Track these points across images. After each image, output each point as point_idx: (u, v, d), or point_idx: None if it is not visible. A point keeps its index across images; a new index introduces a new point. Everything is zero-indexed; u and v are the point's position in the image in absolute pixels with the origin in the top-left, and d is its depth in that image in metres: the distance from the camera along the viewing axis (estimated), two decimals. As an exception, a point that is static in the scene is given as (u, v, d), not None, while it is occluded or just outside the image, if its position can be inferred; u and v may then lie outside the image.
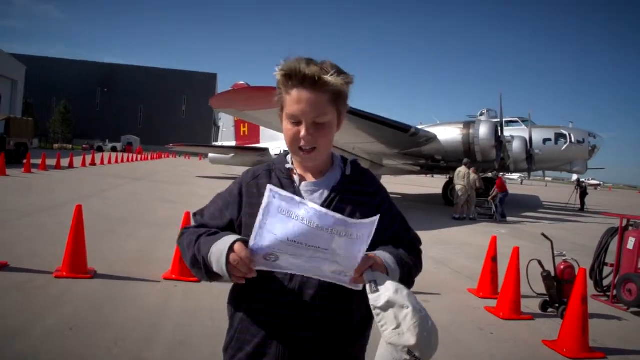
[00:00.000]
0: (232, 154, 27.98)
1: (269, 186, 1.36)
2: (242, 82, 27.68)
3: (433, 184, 35.65)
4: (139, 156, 49.30)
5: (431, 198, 23.40)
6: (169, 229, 8.87)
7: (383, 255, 1.48)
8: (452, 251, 9.30)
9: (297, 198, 1.35)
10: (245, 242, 1.39)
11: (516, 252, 5.46)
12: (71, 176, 19.36)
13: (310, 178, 1.61)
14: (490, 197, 16.19)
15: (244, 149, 28.05)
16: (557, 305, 5.53)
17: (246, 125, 29.88)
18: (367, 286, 1.34)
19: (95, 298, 4.77)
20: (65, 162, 25.10)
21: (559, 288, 5.55)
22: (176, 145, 33.65)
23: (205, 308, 4.69)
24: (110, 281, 5.37)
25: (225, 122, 32.14)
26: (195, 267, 1.51)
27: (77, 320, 4.14)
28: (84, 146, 66.81)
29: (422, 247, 1.72)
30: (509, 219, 15.94)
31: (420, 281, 6.04)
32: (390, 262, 1.47)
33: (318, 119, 1.48)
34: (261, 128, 28.96)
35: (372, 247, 1.45)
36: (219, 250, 1.42)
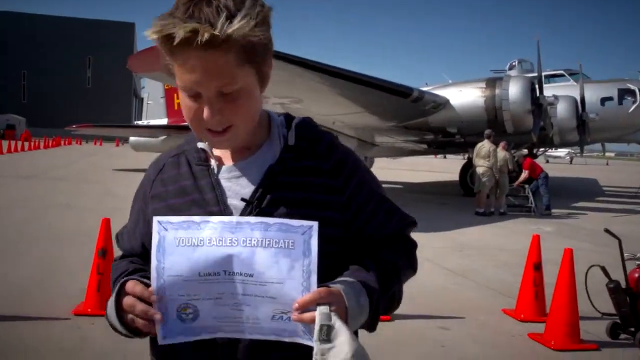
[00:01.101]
0: (163, 137, 27.78)
1: (155, 219, 1.35)
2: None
3: (446, 168, 36.02)
4: (26, 144, 48.52)
5: (445, 187, 23.64)
6: (78, 245, 8.73)
7: (346, 286, 1.39)
8: (476, 259, 9.42)
9: (195, 218, 1.34)
10: (141, 282, 1.39)
11: (568, 255, 5.53)
12: None
13: (234, 158, 1.54)
14: (517, 183, 16.38)
15: (179, 128, 27.80)
16: (632, 329, 5.62)
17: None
18: (316, 331, 1.28)
19: (-27, 348, 4.67)
20: None
21: (633, 304, 5.62)
22: (81, 126, 33.25)
23: (137, 351, 4.63)
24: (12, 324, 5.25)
25: (152, 92, 31.84)
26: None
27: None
28: (-61, 133, 65.32)
29: (418, 242, 1.68)
30: (554, 211, 16.23)
31: (434, 301, 6.13)
32: (354, 301, 1.37)
33: (224, 88, 1.37)
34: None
35: (338, 254, 1.45)
36: (110, 303, 1.43)
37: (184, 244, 1.32)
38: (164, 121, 30.24)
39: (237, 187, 1.49)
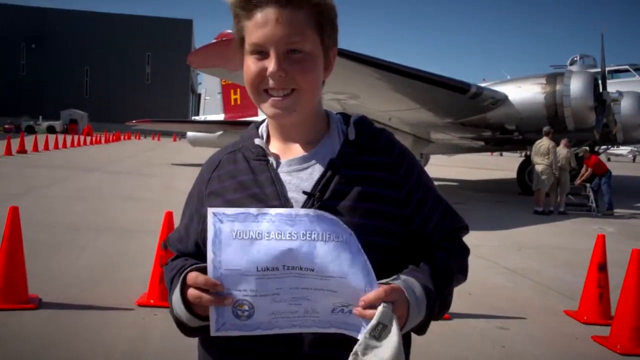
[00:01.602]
0: (220, 132, 28.10)
1: (210, 210, 1.33)
2: (230, 31, 27.75)
3: (504, 165, 35.49)
4: (88, 138, 49.80)
5: (502, 185, 23.30)
6: (140, 237, 8.93)
7: (408, 285, 1.40)
8: (536, 258, 9.25)
9: (251, 210, 1.34)
10: (200, 268, 1.39)
11: (637, 256, 5.36)
12: (-4, 169, 19.57)
13: (293, 153, 1.56)
14: (578, 181, 15.96)
15: (235, 123, 28.12)
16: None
17: (238, 91, 29.99)
18: (371, 325, 1.28)
19: (41, 336, 4.82)
20: (-19, 149, 25.43)
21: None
22: (140, 121, 33.89)
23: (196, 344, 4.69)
24: (61, 312, 5.42)
25: (209, 87, 32.28)
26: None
27: (19, 367, 4.19)
28: (7, 126, 67.21)
29: (473, 244, 1.69)
30: (616, 211, 15.81)
31: (494, 301, 6.04)
32: (414, 301, 1.39)
33: (294, 45, 1.42)
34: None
35: (399, 250, 1.45)
36: (176, 298, 1.44)
37: (240, 236, 1.30)
38: (220, 117, 30.60)
39: (297, 181, 1.50)
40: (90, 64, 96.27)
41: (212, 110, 31.94)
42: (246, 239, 1.30)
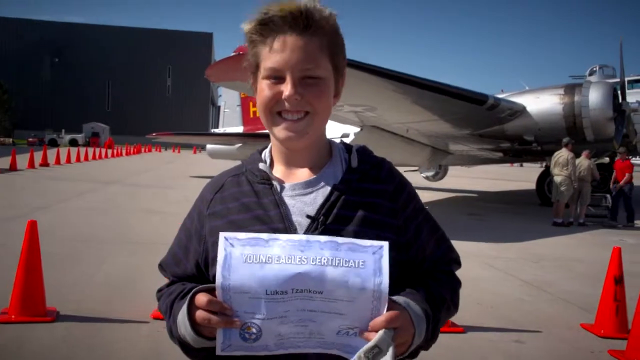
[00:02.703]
0: (239, 144, 28.23)
1: (221, 234, 1.35)
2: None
3: (524, 176, 35.24)
4: (110, 151, 50.33)
5: (522, 196, 23.15)
6: (157, 250, 8.96)
7: (411, 310, 1.43)
8: (553, 271, 9.18)
9: (263, 235, 1.35)
10: (208, 289, 1.40)
11: (651, 269, 5.31)
12: (14, 182, 19.89)
13: (297, 177, 1.59)
14: (621, 184, 15.57)
15: (255, 136, 28.22)
16: None
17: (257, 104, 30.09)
18: (367, 346, 1.30)
19: (58, 348, 4.87)
20: (4, 162, 25.75)
21: None
22: (161, 134, 34.16)
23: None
24: (78, 325, 5.48)
25: (228, 100, 32.47)
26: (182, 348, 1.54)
27: (35, 380, 4.24)
28: (30, 140, 68.29)
29: (461, 271, 1.74)
30: (637, 222, 15.63)
31: (510, 313, 6.01)
32: (417, 327, 1.42)
33: (309, 72, 1.48)
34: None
35: (396, 276, 1.45)
36: (182, 318, 1.45)
37: (251, 260, 1.31)
38: (239, 129, 30.73)
39: (301, 205, 1.54)
40: (112, 77, 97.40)
41: (231, 123, 32.11)
42: (256, 263, 1.31)
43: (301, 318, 1.33)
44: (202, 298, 1.37)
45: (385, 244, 1.33)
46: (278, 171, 1.61)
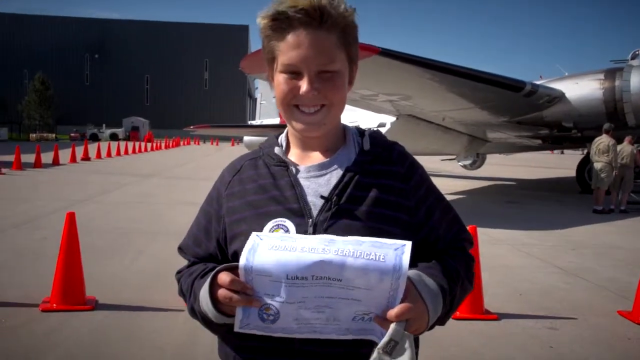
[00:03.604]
0: (275, 135, 28.41)
1: (253, 234, 1.40)
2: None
3: (564, 164, 34.70)
4: (149, 144, 50.99)
5: (562, 184, 22.81)
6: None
7: (424, 287, 1.47)
8: (592, 258, 9.06)
9: (290, 236, 1.41)
10: (230, 268, 1.45)
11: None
12: (57, 176, 20.35)
13: (312, 160, 1.65)
14: None
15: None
16: None
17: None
18: (383, 341, 1.34)
19: (97, 335, 5.03)
20: (47, 157, 26.19)
21: None
22: (198, 127, 34.55)
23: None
24: (116, 313, 5.63)
25: (265, 92, 32.72)
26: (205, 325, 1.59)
27: (75, 366, 4.37)
28: (72, 135, 69.37)
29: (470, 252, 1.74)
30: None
31: (544, 301, 5.99)
32: (432, 309, 1.46)
33: (326, 67, 1.52)
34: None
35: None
36: (204, 295, 1.49)
37: (276, 248, 1.36)
38: (276, 120, 30.88)
39: (316, 186, 1.59)
40: (150, 72, 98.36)
41: (268, 114, 32.34)
42: (281, 250, 1.36)
43: (318, 304, 1.37)
44: (224, 277, 1.41)
45: (409, 243, 1.36)
46: (293, 155, 1.68)
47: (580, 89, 17.19)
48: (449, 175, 25.02)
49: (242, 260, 1.37)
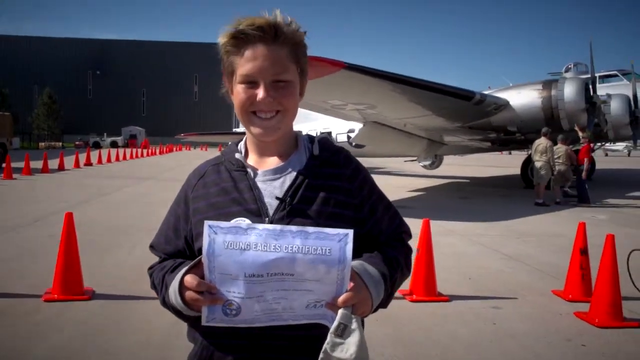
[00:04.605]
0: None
1: (206, 223, 1.39)
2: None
3: (511, 163, 35.03)
4: (145, 151, 50.53)
5: (508, 180, 23.03)
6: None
7: (365, 267, 1.51)
8: (532, 245, 9.18)
9: (242, 224, 1.41)
10: (195, 265, 1.46)
11: (610, 240, 5.33)
12: (62, 180, 20.10)
13: (268, 165, 1.66)
14: (584, 173, 15.67)
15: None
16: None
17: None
18: (334, 326, 1.37)
19: (94, 323, 4.99)
20: (54, 163, 25.91)
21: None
22: (188, 135, 34.35)
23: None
24: (112, 302, 5.60)
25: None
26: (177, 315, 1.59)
27: (73, 350, 4.35)
28: (77, 143, 68.81)
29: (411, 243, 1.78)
30: (611, 200, 15.66)
31: (490, 283, 6.04)
32: (375, 293, 1.49)
33: (279, 76, 1.54)
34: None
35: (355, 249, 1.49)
36: (174, 293, 1.50)
37: (232, 247, 1.36)
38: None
39: (271, 188, 1.60)
40: (146, 86, 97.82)
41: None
42: (236, 249, 1.36)
43: (275, 296, 1.39)
44: (191, 280, 1.42)
45: (350, 232, 1.36)
46: (252, 160, 1.68)
47: (522, 97, 17.44)
48: (411, 175, 25.20)
49: (205, 261, 1.38)
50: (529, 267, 7.58)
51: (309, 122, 27.28)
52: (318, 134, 26.15)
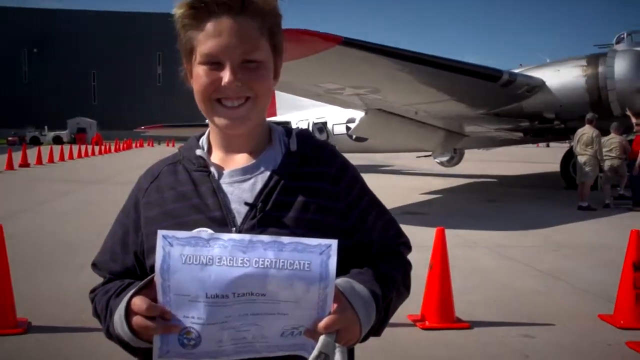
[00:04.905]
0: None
1: (160, 232, 1.37)
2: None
3: (550, 157, 35.13)
4: (97, 148, 50.44)
5: (546, 179, 23.13)
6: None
7: (355, 295, 1.49)
8: (574, 259, 9.21)
9: (203, 234, 1.38)
10: (145, 285, 1.43)
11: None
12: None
13: (236, 164, 1.64)
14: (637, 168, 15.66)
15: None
16: None
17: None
18: (313, 355, 1.35)
19: (28, 361, 4.94)
20: (-21, 165, 25.87)
21: None
22: (151, 127, 34.27)
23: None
24: (51, 335, 5.57)
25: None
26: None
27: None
28: (10, 139, 68.15)
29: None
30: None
31: (521, 307, 6.05)
32: (364, 316, 1.48)
33: (249, 55, 1.52)
34: (277, 93, 29.09)
35: (342, 262, 1.48)
36: (119, 319, 1.48)
37: (190, 261, 1.33)
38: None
39: (239, 192, 1.59)
40: (97, 67, 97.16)
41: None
42: (196, 264, 1.33)
43: (243, 322, 1.36)
44: (139, 303, 1.39)
45: (334, 242, 1.35)
46: (216, 157, 1.67)
47: (562, 76, 17.43)
48: (424, 174, 25.25)
49: (158, 280, 1.36)
50: (570, 286, 7.60)
51: (299, 111, 27.35)
52: (310, 125, 26.21)
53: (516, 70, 18.36)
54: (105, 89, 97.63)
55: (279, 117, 29.04)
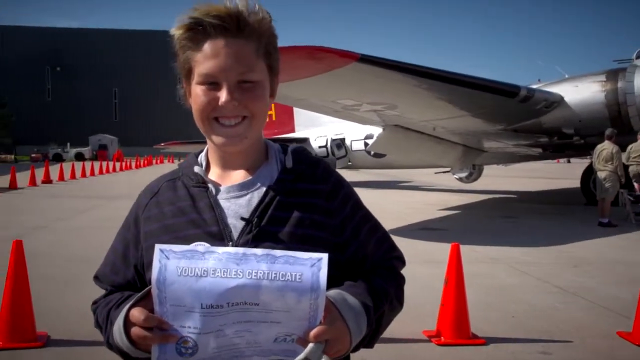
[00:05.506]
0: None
1: (157, 246, 1.42)
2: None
3: (570, 173, 34.90)
4: (118, 164, 50.76)
5: (566, 195, 22.99)
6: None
7: (346, 306, 1.52)
8: (594, 276, 9.13)
9: (199, 248, 1.43)
10: (143, 297, 1.48)
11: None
12: (12, 201, 20.23)
13: (233, 180, 1.69)
14: None
15: (272, 141, 28.47)
16: None
17: (273, 107, 30.30)
18: (298, 358, 1.39)
19: (47, 375, 4.99)
20: (4, 181, 26.04)
21: None
22: (170, 144, 34.47)
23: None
24: (70, 350, 5.60)
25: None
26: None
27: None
28: (33, 155, 68.79)
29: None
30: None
31: (538, 323, 6.04)
32: (355, 327, 1.51)
33: (245, 76, 1.57)
34: (295, 110, 29.23)
35: (336, 278, 1.52)
36: (118, 330, 1.53)
37: (186, 273, 1.39)
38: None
39: (236, 207, 1.64)
40: (118, 85, 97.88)
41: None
42: (192, 276, 1.38)
43: (237, 329, 1.41)
44: (137, 314, 1.44)
45: (325, 256, 1.39)
46: (214, 174, 1.72)
47: (581, 92, 17.34)
48: (443, 189, 25.20)
49: (154, 291, 1.41)
50: (588, 302, 7.53)
51: (317, 127, 27.43)
52: (328, 141, 26.29)
53: (535, 86, 18.30)
54: (126, 106, 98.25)
55: (298, 134, 29.16)
